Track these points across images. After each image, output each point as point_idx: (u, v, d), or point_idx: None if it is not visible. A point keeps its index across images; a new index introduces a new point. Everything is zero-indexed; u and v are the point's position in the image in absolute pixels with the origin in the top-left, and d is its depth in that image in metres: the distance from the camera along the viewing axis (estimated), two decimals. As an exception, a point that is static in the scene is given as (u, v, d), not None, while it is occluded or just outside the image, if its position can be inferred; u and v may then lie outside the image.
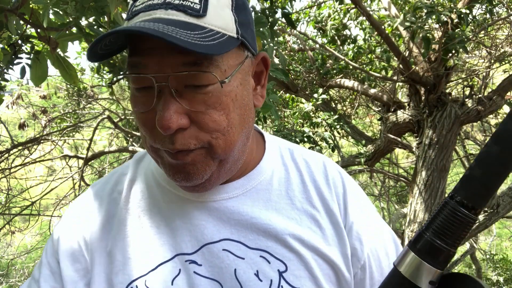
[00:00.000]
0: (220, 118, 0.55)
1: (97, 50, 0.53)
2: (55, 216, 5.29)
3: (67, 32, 1.59)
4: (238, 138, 0.59)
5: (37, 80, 1.68)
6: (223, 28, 0.54)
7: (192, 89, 0.54)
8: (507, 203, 3.40)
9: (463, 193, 0.36)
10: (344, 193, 0.69)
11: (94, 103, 5.47)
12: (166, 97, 0.53)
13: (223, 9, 0.55)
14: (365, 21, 4.12)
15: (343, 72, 4.29)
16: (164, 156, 0.58)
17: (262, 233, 0.63)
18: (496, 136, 0.35)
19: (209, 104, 0.54)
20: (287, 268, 0.62)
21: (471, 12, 2.93)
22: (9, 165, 4.30)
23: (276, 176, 0.69)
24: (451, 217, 0.36)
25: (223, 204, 0.65)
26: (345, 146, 7.08)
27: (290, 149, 0.74)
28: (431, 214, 0.38)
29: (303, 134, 3.29)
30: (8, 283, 7.02)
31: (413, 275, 0.38)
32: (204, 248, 0.62)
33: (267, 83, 0.68)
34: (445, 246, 0.36)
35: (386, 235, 0.72)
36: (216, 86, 0.54)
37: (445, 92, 3.31)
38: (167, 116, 0.52)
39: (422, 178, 3.14)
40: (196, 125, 0.55)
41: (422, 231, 0.38)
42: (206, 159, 0.57)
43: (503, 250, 8.23)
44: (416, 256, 0.38)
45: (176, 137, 0.54)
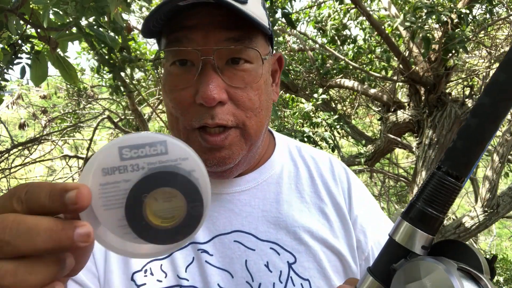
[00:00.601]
0: (255, 98, 0.60)
1: (150, 26, 0.56)
2: (55, 216, 5.29)
3: (67, 32, 1.59)
4: (264, 123, 0.64)
5: (37, 80, 1.68)
6: (259, 17, 0.58)
7: (232, 66, 0.58)
8: (507, 203, 3.40)
9: (448, 163, 0.39)
10: (349, 188, 0.73)
11: (94, 103, 5.47)
12: (209, 72, 0.56)
13: (258, 4, 0.61)
14: (365, 21, 4.12)
15: (343, 72, 4.29)
16: (196, 140, 0.59)
17: (272, 226, 0.65)
18: (474, 110, 0.38)
19: (247, 81, 0.59)
20: (296, 259, 0.64)
21: (471, 12, 2.93)
22: (9, 165, 4.30)
23: (286, 171, 0.72)
24: (439, 186, 0.39)
25: (236, 197, 0.67)
26: (345, 146, 7.07)
27: (298, 146, 0.78)
28: (420, 186, 0.41)
29: (303, 134, 3.29)
30: (8, 283, 7.02)
31: (407, 241, 0.40)
32: (216, 239, 0.64)
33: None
34: (435, 213, 0.39)
35: (387, 226, 0.75)
36: (254, 66, 0.59)
37: (445, 92, 3.31)
38: (212, 89, 0.55)
39: (422, 178, 3.14)
40: (233, 102, 0.58)
41: (413, 201, 0.41)
42: (240, 142, 0.61)
43: (503, 250, 8.22)
44: (409, 224, 0.41)
45: (215, 111, 0.57)
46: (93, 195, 0.34)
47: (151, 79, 4.98)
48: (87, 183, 0.35)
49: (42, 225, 0.31)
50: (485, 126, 0.37)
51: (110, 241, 0.38)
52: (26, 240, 0.30)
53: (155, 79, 4.86)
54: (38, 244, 0.31)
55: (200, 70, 0.56)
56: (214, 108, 0.56)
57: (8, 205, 0.32)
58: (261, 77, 0.60)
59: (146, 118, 5.38)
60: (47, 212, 0.32)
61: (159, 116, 5.13)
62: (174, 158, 0.36)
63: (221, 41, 0.56)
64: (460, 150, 0.39)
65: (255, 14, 0.57)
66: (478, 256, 0.40)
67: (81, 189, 0.32)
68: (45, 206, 0.32)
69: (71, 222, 0.32)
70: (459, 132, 0.39)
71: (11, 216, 0.31)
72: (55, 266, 0.32)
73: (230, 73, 0.58)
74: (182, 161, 0.36)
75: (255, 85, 0.60)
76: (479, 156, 0.39)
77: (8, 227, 0.30)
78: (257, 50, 0.59)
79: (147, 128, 4.40)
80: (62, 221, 0.32)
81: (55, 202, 0.32)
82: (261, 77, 0.60)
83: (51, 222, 0.31)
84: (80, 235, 0.32)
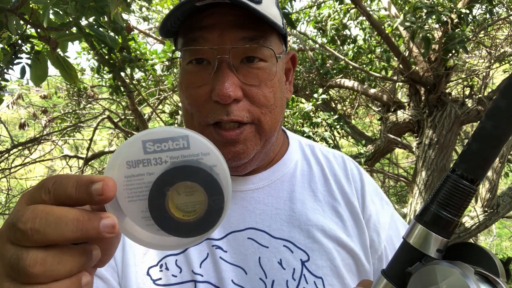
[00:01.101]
0: (270, 95, 0.61)
1: (167, 26, 0.58)
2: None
3: (67, 32, 1.59)
4: (279, 120, 0.65)
5: (37, 80, 1.68)
6: (274, 17, 0.60)
7: (247, 64, 0.60)
8: (507, 203, 3.40)
9: (463, 167, 0.39)
10: (362, 187, 0.73)
11: (94, 103, 5.46)
12: (224, 70, 0.58)
13: (273, 4, 0.62)
14: (365, 21, 4.12)
15: (343, 72, 4.29)
16: (212, 136, 0.60)
17: (286, 224, 0.66)
18: (489, 112, 0.38)
19: (262, 79, 0.60)
20: (309, 257, 0.64)
21: (471, 12, 2.93)
22: (9, 165, 4.30)
23: (299, 169, 0.73)
24: (454, 190, 0.39)
25: (250, 194, 0.68)
26: (345, 146, 7.07)
27: (310, 145, 0.79)
28: (435, 189, 0.41)
29: (303, 134, 3.28)
30: (8, 283, 7.02)
31: (421, 245, 0.40)
32: (230, 236, 0.64)
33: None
34: (450, 216, 0.39)
35: (400, 226, 0.76)
36: (268, 64, 0.61)
37: (445, 92, 3.31)
38: (227, 87, 0.56)
39: (422, 178, 3.14)
40: (249, 99, 0.60)
41: (428, 204, 0.41)
42: (255, 138, 0.62)
43: (503, 250, 8.22)
44: (423, 228, 0.40)
45: (231, 108, 0.58)
46: (118, 187, 0.35)
47: (151, 79, 4.98)
48: (112, 176, 0.36)
49: (70, 215, 0.32)
50: (501, 129, 0.37)
51: (135, 233, 0.39)
52: (55, 229, 0.32)
53: (155, 79, 4.86)
54: (66, 234, 0.32)
55: (216, 68, 0.58)
56: (229, 105, 0.58)
57: (37, 196, 0.34)
58: (275, 75, 0.62)
59: (146, 118, 5.38)
60: (74, 203, 0.33)
61: (159, 116, 5.13)
62: (196, 153, 0.37)
63: (236, 40, 0.58)
64: (475, 153, 0.38)
65: (269, 14, 0.58)
66: (493, 258, 0.39)
67: (106, 181, 0.33)
68: (72, 196, 0.33)
69: (97, 213, 0.33)
70: (474, 135, 0.39)
71: (40, 206, 0.32)
72: (83, 256, 0.34)
73: (245, 71, 0.59)
74: (204, 156, 0.37)
75: (270, 82, 0.61)
76: (494, 159, 0.38)
77: (38, 217, 0.32)
78: (271, 49, 0.60)
79: (147, 128, 4.39)
80: (89, 212, 0.33)
81: (82, 193, 0.33)
82: (275, 75, 0.62)
83: (78, 213, 0.33)
84: (106, 226, 0.33)
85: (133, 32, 4.46)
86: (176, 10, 0.56)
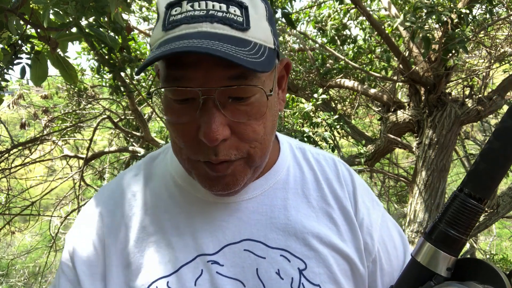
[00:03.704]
0: (259, 128, 0.57)
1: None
2: (55, 216, 5.29)
3: (67, 32, 1.59)
4: (270, 143, 0.62)
5: (37, 80, 1.68)
6: (264, 41, 0.55)
7: (235, 101, 0.55)
8: (507, 203, 3.40)
9: (471, 186, 0.39)
10: (354, 189, 0.73)
11: (94, 103, 5.47)
12: (210, 109, 0.53)
13: (261, 20, 0.56)
14: (365, 21, 4.12)
15: (343, 72, 4.29)
16: (201, 168, 0.58)
17: (281, 232, 0.65)
18: (497, 133, 0.38)
19: (251, 114, 0.56)
20: (307, 266, 0.64)
21: (471, 12, 2.93)
22: (9, 165, 4.30)
23: (292, 175, 0.71)
24: (462, 208, 0.39)
25: (243, 205, 0.66)
26: (345, 146, 7.07)
27: (301, 148, 0.77)
28: (443, 207, 0.41)
29: (303, 134, 3.29)
30: (8, 283, 7.02)
31: (431, 263, 0.41)
32: (225, 249, 0.63)
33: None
34: (458, 235, 0.40)
35: (392, 228, 0.76)
36: (257, 97, 0.56)
37: (445, 92, 3.31)
38: (214, 128, 0.53)
39: (422, 178, 3.14)
40: (237, 136, 0.56)
41: (436, 223, 0.41)
42: (244, 169, 0.59)
43: (503, 250, 8.22)
44: (432, 246, 0.41)
45: (219, 148, 0.55)
46: None
47: (151, 79, 4.98)
48: None
49: None
50: (509, 149, 0.37)
51: None
52: None
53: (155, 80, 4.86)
54: None
55: (201, 106, 0.53)
56: (217, 146, 0.55)
57: None
58: (266, 105, 0.57)
59: (146, 118, 5.38)
60: None
61: (159, 116, 5.13)
62: None
63: (222, 79, 0.52)
64: (483, 173, 0.39)
65: (258, 39, 0.54)
66: (499, 273, 0.40)
67: None
68: None
69: None
70: (481, 155, 0.39)
71: None
72: None
73: (233, 108, 0.55)
74: None
75: (260, 116, 0.57)
76: (501, 178, 0.39)
77: None
78: (261, 88, 0.55)
79: (147, 128, 4.40)
80: None
81: None
82: (266, 105, 0.57)
83: None
84: None
85: (133, 32, 4.46)
86: (155, 59, 0.50)
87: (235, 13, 0.53)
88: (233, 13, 0.53)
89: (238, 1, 0.54)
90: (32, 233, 6.70)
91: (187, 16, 0.52)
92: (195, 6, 0.53)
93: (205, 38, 0.50)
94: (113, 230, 0.65)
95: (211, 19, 0.52)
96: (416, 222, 3.11)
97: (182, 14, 0.53)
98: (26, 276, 7.30)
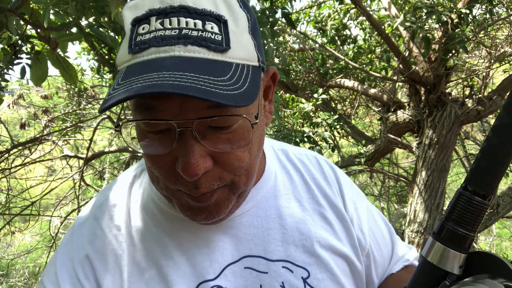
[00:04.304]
0: (244, 155, 0.52)
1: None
2: (55, 216, 5.29)
3: (67, 32, 1.59)
4: (257, 166, 0.58)
5: (37, 80, 1.68)
6: (246, 59, 0.50)
7: (216, 130, 0.48)
8: (507, 203, 3.40)
9: (475, 183, 0.40)
10: (340, 185, 0.72)
11: (94, 103, 5.47)
12: (188, 141, 0.47)
13: (243, 34, 0.50)
14: (365, 21, 4.12)
15: (343, 72, 4.29)
16: (182, 197, 0.54)
17: (280, 243, 0.63)
18: (495, 129, 0.40)
19: (234, 142, 0.50)
20: (310, 273, 0.62)
21: (471, 12, 2.93)
22: (9, 165, 4.30)
23: (280, 180, 0.69)
24: (468, 206, 0.40)
25: (238, 220, 0.63)
26: (345, 146, 7.07)
27: (283, 149, 0.75)
28: (449, 206, 0.43)
29: (303, 134, 3.29)
30: (8, 283, 7.02)
31: (443, 262, 0.42)
32: (226, 270, 0.60)
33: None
34: (466, 232, 0.41)
35: (377, 217, 0.76)
36: (240, 123, 0.49)
37: (445, 92, 3.31)
38: (193, 163, 0.47)
39: (422, 178, 3.14)
40: (220, 165, 0.51)
41: (444, 222, 0.42)
42: (228, 196, 0.55)
43: (503, 250, 8.22)
44: (441, 245, 0.42)
45: (200, 181, 0.50)
46: None
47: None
48: None
49: None
50: (508, 145, 0.39)
51: None
52: None
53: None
54: None
55: (178, 137, 0.47)
56: (198, 178, 0.49)
57: None
58: (251, 134, 0.51)
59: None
60: None
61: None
62: None
63: (200, 109, 0.46)
64: (485, 170, 0.40)
65: (240, 58, 0.48)
66: (508, 265, 0.40)
67: None
68: None
69: None
70: (482, 152, 0.40)
71: None
72: None
73: (214, 136, 0.49)
74: None
75: (244, 142, 0.51)
76: (503, 173, 0.40)
77: None
78: (246, 118, 0.48)
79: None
80: None
81: None
82: (251, 133, 0.51)
83: None
84: None
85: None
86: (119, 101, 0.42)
87: (212, 31, 0.46)
88: (210, 30, 0.46)
89: (215, 14, 0.47)
90: (32, 233, 6.70)
91: (157, 37, 0.45)
92: (165, 24, 0.46)
93: (177, 66, 0.43)
94: (106, 270, 0.59)
95: (184, 41, 0.45)
96: (416, 222, 3.11)
97: (151, 33, 0.46)
98: (26, 276, 7.30)
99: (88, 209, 0.66)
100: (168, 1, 0.47)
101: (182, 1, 0.47)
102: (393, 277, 0.74)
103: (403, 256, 0.77)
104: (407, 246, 0.82)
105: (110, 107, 0.43)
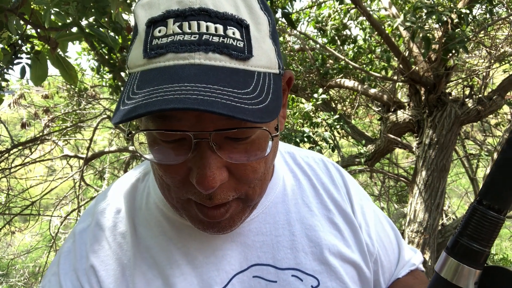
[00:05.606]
0: (260, 165, 0.50)
1: None
2: (55, 216, 5.29)
3: (67, 32, 1.59)
4: (270, 174, 0.56)
5: (37, 80, 1.68)
6: (268, 67, 0.47)
7: (233, 140, 0.47)
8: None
9: (490, 198, 0.39)
10: (347, 190, 0.71)
11: (94, 103, 5.47)
12: (205, 152, 0.45)
13: (265, 40, 0.47)
14: (365, 21, 4.12)
15: (343, 72, 4.29)
16: (192, 209, 0.52)
17: (289, 250, 0.62)
18: (510, 142, 0.38)
19: (251, 153, 0.48)
20: (319, 282, 0.61)
21: (471, 12, 2.93)
22: (9, 165, 4.30)
23: (288, 184, 0.67)
24: (483, 221, 0.39)
25: (246, 227, 0.61)
26: (345, 146, 7.07)
27: (290, 152, 0.73)
28: (462, 220, 0.41)
29: (303, 134, 3.29)
30: (8, 283, 7.02)
31: (457, 279, 0.40)
32: (234, 280, 0.58)
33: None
34: (481, 248, 0.40)
35: (384, 221, 0.75)
36: (258, 134, 0.48)
37: (445, 92, 3.31)
38: (210, 176, 0.45)
39: (422, 178, 3.14)
40: (235, 177, 0.49)
41: (457, 237, 0.41)
42: (242, 210, 0.53)
43: (503, 250, 8.22)
44: (456, 261, 0.40)
45: (215, 192, 0.48)
46: None
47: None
48: None
49: None
50: None
51: None
52: None
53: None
54: None
55: (194, 147, 0.45)
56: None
57: None
58: (267, 138, 0.49)
59: (146, 118, 5.36)
60: None
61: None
62: None
63: (219, 119, 0.44)
64: (501, 184, 0.39)
65: (262, 66, 0.46)
66: None
67: None
68: None
69: None
70: (497, 165, 0.39)
71: None
72: None
73: (230, 147, 0.47)
74: None
75: (260, 152, 0.49)
76: None
77: None
78: (266, 130, 0.47)
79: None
80: None
81: None
82: (267, 137, 0.49)
83: None
84: None
85: (133, 32, 4.44)
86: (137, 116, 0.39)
87: (234, 37, 0.44)
88: (232, 36, 0.44)
89: (237, 18, 0.44)
90: (32, 233, 6.70)
91: (175, 42, 0.43)
92: (184, 28, 0.43)
93: (199, 78, 0.41)
94: (111, 281, 0.57)
95: (205, 48, 0.42)
96: (416, 222, 3.11)
97: (169, 37, 0.43)
98: (26, 276, 7.30)
99: (89, 214, 0.63)
100: (187, 3, 0.44)
101: (202, 3, 0.44)
102: (399, 282, 0.73)
103: (409, 260, 0.76)
104: (412, 249, 0.80)
105: (129, 120, 0.40)
